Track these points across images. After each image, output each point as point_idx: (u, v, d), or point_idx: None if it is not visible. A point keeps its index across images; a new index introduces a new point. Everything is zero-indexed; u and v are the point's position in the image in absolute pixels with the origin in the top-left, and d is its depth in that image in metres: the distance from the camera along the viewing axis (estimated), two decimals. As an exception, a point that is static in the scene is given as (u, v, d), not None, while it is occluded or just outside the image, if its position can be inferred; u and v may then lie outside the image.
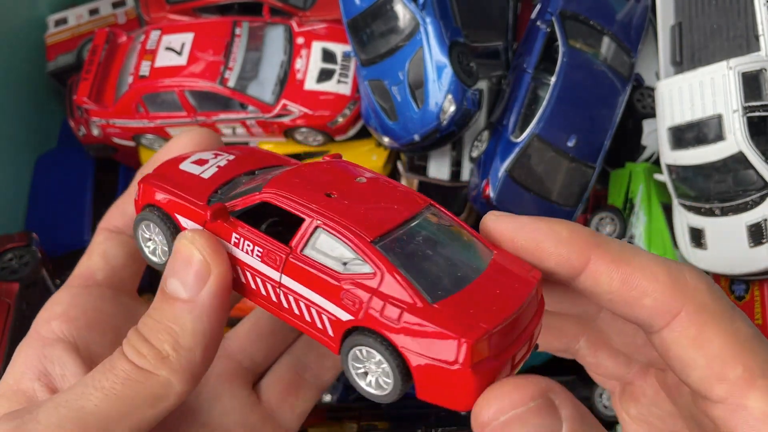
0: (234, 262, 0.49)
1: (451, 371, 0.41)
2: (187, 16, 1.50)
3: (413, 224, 0.47)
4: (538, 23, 1.29)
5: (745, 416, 0.44)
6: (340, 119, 1.35)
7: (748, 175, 1.08)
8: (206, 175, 0.53)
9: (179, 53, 1.36)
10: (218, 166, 0.54)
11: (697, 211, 1.15)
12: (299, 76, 1.36)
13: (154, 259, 0.54)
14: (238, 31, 1.38)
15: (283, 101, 1.33)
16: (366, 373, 0.45)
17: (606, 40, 1.28)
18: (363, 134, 1.39)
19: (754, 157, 1.06)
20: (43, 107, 1.64)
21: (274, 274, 0.47)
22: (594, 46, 1.27)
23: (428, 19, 1.21)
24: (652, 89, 1.28)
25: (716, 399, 0.45)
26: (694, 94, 1.14)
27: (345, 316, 0.44)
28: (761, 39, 1.09)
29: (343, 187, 0.49)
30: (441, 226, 0.49)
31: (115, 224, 0.61)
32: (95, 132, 1.49)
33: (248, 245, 0.48)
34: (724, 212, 1.11)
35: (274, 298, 0.48)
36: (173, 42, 1.38)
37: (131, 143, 1.48)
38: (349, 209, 0.46)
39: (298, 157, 1.44)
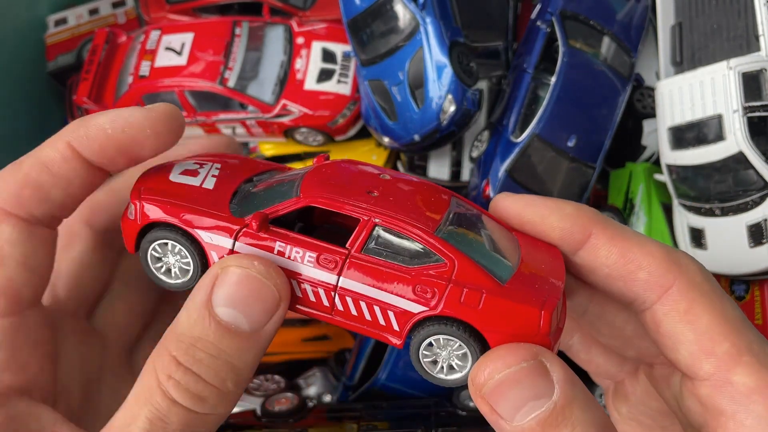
0: None
1: (532, 342, 0.44)
2: (187, 16, 1.50)
3: (452, 214, 0.49)
4: (538, 23, 1.29)
5: (731, 391, 0.45)
6: (340, 119, 1.35)
7: (748, 175, 1.08)
8: (209, 186, 0.51)
9: (179, 53, 1.36)
10: (214, 176, 0.52)
11: (697, 211, 1.15)
12: (299, 76, 1.36)
13: (169, 280, 0.51)
14: (238, 31, 1.38)
15: (283, 101, 1.33)
16: (435, 361, 0.47)
17: (606, 40, 1.28)
18: (363, 134, 1.39)
19: (754, 157, 1.06)
20: (43, 107, 1.64)
21: (330, 278, 0.47)
22: (594, 46, 1.27)
23: (428, 19, 1.21)
24: (652, 89, 1.28)
25: (703, 376, 0.46)
26: (694, 94, 1.14)
27: (416, 309, 0.45)
28: (761, 39, 1.09)
29: (378, 185, 0.49)
30: (471, 214, 0.51)
31: (25, 208, 0.49)
32: (95, 132, 1.49)
33: (297, 252, 0.47)
34: (724, 212, 1.11)
35: (326, 303, 0.48)
36: (173, 42, 1.38)
37: (131, 143, 1.48)
38: (398, 205, 0.47)
39: (298, 157, 1.44)
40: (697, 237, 1.16)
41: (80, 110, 1.50)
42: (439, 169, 1.37)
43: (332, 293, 0.47)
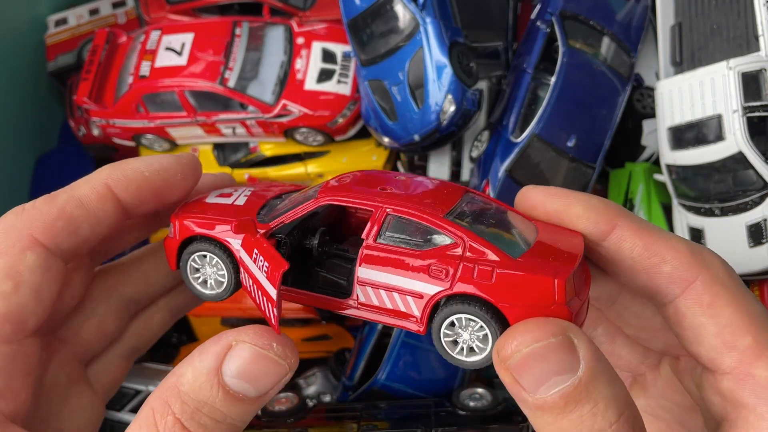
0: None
1: (549, 311, 0.44)
2: (187, 16, 1.50)
3: (464, 203, 0.50)
4: (538, 23, 1.29)
5: (753, 385, 0.45)
6: (340, 119, 1.35)
7: (747, 175, 1.08)
8: (241, 203, 0.55)
9: (179, 53, 1.36)
10: (246, 196, 0.56)
11: (697, 211, 1.15)
12: (299, 76, 1.36)
13: (205, 291, 0.54)
14: (238, 31, 1.38)
15: (283, 101, 1.33)
16: (456, 342, 0.48)
17: (606, 40, 1.28)
18: (363, 134, 1.39)
19: (753, 157, 1.06)
20: (43, 107, 1.64)
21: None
22: (594, 46, 1.27)
23: (428, 19, 1.21)
24: (652, 89, 1.28)
25: (725, 369, 0.47)
26: (694, 94, 1.14)
27: (434, 289, 0.47)
28: (761, 39, 1.09)
29: (391, 183, 0.52)
30: (485, 204, 0.53)
31: (54, 240, 0.50)
32: (95, 132, 1.49)
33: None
34: (724, 212, 1.11)
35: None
36: (173, 42, 1.38)
37: (131, 143, 1.48)
38: (409, 196, 0.49)
39: (298, 157, 1.44)
40: (697, 237, 1.16)
41: (80, 110, 1.50)
42: (439, 169, 1.37)
43: (354, 284, 0.49)
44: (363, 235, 0.49)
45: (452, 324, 0.47)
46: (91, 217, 0.52)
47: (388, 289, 0.48)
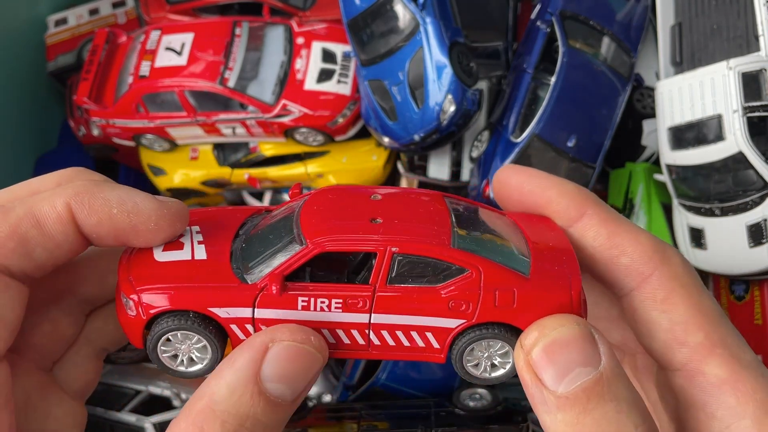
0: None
1: None
2: (187, 16, 1.50)
3: (454, 218, 0.49)
4: (538, 23, 1.29)
5: (703, 383, 0.45)
6: (340, 119, 1.35)
7: (748, 175, 1.08)
8: (202, 256, 0.47)
9: (179, 53, 1.36)
10: (200, 242, 0.49)
11: (697, 211, 1.15)
12: (299, 76, 1.36)
13: (191, 369, 0.48)
14: (238, 31, 1.38)
15: (283, 101, 1.33)
16: (477, 364, 0.48)
17: (606, 40, 1.28)
18: (363, 134, 1.39)
19: (754, 157, 1.06)
20: (43, 107, 1.64)
21: (362, 318, 0.46)
22: (594, 46, 1.27)
23: (428, 19, 1.21)
24: (652, 89, 1.28)
25: (677, 365, 0.46)
26: (694, 94, 1.14)
27: (454, 323, 0.46)
28: (761, 39, 1.09)
29: (376, 210, 0.48)
30: (469, 211, 0.51)
31: (9, 261, 0.45)
32: (95, 132, 1.49)
33: (323, 302, 0.46)
34: (724, 212, 1.11)
35: (361, 341, 0.47)
36: (173, 42, 1.38)
37: (131, 143, 1.48)
38: (406, 226, 0.47)
39: (298, 157, 1.44)
40: (697, 237, 1.16)
41: (80, 110, 1.50)
42: (439, 169, 1.37)
43: (366, 331, 0.47)
44: (371, 280, 0.46)
45: (471, 349, 0.47)
46: (48, 240, 0.45)
47: (406, 329, 0.47)
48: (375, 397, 1.24)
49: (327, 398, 1.32)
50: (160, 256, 0.48)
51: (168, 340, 0.47)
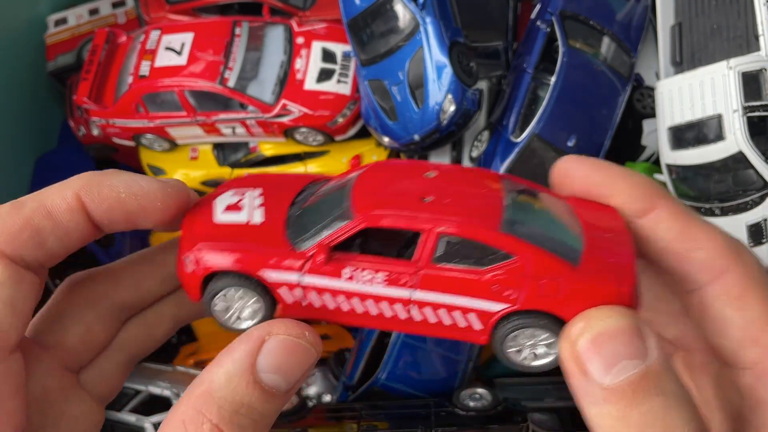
0: (348, 296, 0.48)
1: None
2: (187, 16, 1.50)
3: (509, 202, 0.48)
4: (538, 23, 1.29)
5: None
6: (340, 119, 1.35)
7: (748, 175, 1.08)
8: (258, 220, 0.50)
9: (179, 53, 1.36)
10: (260, 207, 0.51)
11: (697, 210, 1.15)
12: (299, 76, 1.36)
13: (241, 326, 0.50)
14: (238, 31, 1.38)
15: (283, 101, 1.33)
16: (519, 351, 0.47)
17: (606, 40, 1.28)
18: (363, 134, 1.39)
19: (754, 157, 1.06)
20: (43, 107, 1.64)
21: (404, 293, 0.47)
22: (594, 46, 1.27)
23: (428, 19, 1.21)
24: (652, 89, 1.28)
25: (747, 364, 0.45)
26: (694, 94, 1.14)
27: (497, 307, 0.46)
28: (761, 39, 1.09)
29: (428, 187, 0.48)
30: (526, 195, 0.50)
31: (18, 252, 0.47)
32: (95, 132, 1.49)
33: (367, 274, 0.47)
34: (724, 212, 1.11)
35: (402, 316, 0.48)
36: (173, 42, 1.38)
37: (131, 143, 1.48)
38: (456, 207, 0.47)
39: (298, 157, 1.44)
40: (697, 237, 1.16)
41: (80, 110, 1.50)
42: (439, 169, 1.37)
43: (409, 306, 0.47)
44: (414, 257, 0.46)
45: (515, 335, 0.47)
46: (60, 229, 0.48)
47: (449, 308, 0.47)
48: (375, 397, 1.24)
49: (327, 398, 1.32)
50: (219, 218, 0.50)
51: (224, 296, 0.50)
